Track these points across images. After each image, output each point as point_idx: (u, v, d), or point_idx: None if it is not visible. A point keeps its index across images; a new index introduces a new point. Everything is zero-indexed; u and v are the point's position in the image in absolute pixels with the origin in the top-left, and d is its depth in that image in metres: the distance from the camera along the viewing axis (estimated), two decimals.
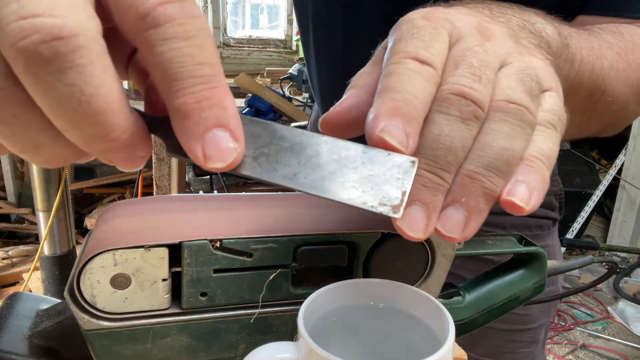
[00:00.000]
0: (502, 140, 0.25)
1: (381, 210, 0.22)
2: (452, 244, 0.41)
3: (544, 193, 0.26)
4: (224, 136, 0.20)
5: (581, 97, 0.40)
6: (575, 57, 0.37)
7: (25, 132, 0.19)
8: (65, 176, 0.67)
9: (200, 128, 0.19)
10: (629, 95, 0.45)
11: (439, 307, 0.31)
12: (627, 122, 0.52)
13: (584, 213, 2.81)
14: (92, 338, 0.35)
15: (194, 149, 0.20)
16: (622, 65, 0.43)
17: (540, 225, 0.77)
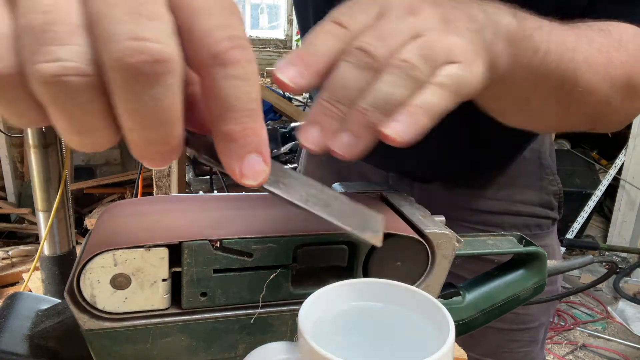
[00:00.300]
0: (388, 86, 0.32)
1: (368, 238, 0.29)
2: (452, 244, 0.41)
3: (416, 134, 0.32)
4: (258, 160, 0.24)
5: (551, 86, 0.44)
6: (540, 47, 0.41)
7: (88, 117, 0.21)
8: (65, 176, 0.67)
9: (241, 151, 0.24)
10: (609, 91, 0.47)
11: (439, 307, 0.31)
12: (618, 118, 0.53)
13: (584, 213, 2.81)
14: (92, 338, 0.35)
15: (233, 167, 0.24)
16: (601, 61, 0.45)
17: (539, 224, 0.77)
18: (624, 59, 0.47)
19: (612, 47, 0.46)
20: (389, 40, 0.33)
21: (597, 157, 3.35)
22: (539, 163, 0.75)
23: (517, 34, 0.39)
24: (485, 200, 0.74)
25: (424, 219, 0.43)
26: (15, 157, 3.04)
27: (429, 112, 0.32)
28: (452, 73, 0.33)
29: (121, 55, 0.20)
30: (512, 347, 0.77)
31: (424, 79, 0.32)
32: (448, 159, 0.71)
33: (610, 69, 0.46)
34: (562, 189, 0.78)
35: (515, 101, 0.47)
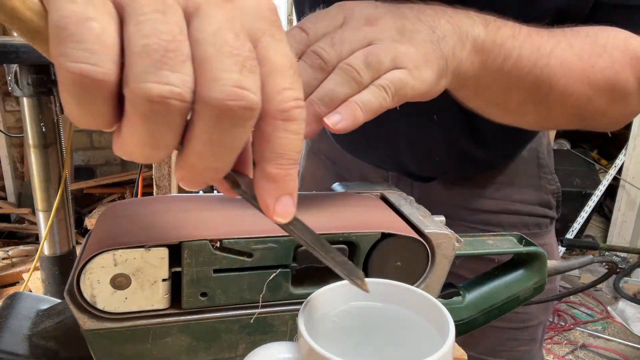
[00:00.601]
0: (332, 85, 0.38)
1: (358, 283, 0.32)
2: (452, 244, 0.41)
3: (351, 125, 0.37)
4: (290, 201, 0.27)
5: (526, 88, 0.48)
6: (512, 54, 0.45)
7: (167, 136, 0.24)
8: (65, 176, 0.67)
9: (279, 192, 0.27)
10: (589, 93, 0.50)
11: (439, 307, 0.31)
12: (609, 118, 0.55)
13: (584, 213, 2.81)
14: (92, 338, 0.35)
15: (268, 204, 0.27)
16: (580, 66, 0.48)
17: (538, 223, 0.77)
18: (606, 65, 0.49)
19: (595, 53, 0.49)
20: (340, 46, 0.38)
21: (597, 157, 3.35)
22: (537, 162, 0.76)
23: (485, 43, 0.44)
24: (485, 199, 0.75)
25: (424, 219, 0.43)
26: (15, 157, 3.05)
27: (365, 108, 0.38)
28: (393, 77, 0.38)
29: (224, 97, 0.23)
30: (511, 345, 0.78)
31: (365, 82, 0.38)
32: (447, 159, 0.71)
33: (590, 74, 0.49)
34: (560, 188, 0.78)
35: (493, 101, 0.50)
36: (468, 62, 0.44)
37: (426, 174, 0.75)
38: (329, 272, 0.40)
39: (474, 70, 0.45)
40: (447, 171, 0.74)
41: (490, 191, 0.75)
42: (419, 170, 0.75)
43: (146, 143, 0.24)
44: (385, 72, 0.39)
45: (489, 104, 0.51)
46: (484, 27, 0.44)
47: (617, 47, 0.50)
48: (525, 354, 0.79)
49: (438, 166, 0.72)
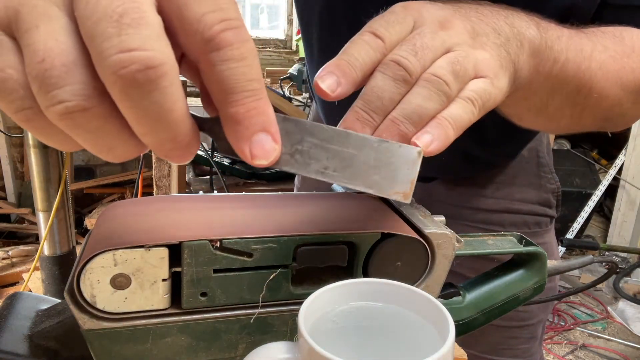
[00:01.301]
0: (420, 100, 0.34)
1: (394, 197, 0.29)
2: (452, 244, 0.41)
3: (444, 145, 0.34)
4: (267, 139, 0.24)
5: (568, 91, 0.46)
6: (559, 57, 0.43)
7: (104, 139, 0.23)
8: (65, 176, 0.67)
9: (249, 132, 0.24)
10: (621, 95, 0.49)
11: (439, 307, 0.31)
12: (625, 119, 0.55)
13: (584, 213, 2.81)
14: (92, 338, 0.35)
15: (243, 149, 0.24)
16: (614, 67, 0.47)
17: (538, 222, 0.77)
18: (635, 65, 0.49)
19: (625, 53, 0.48)
20: (423, 55, 0.35)
21: (597, 157, 3.35)
22: (538, 162, 0.76)
23: (540, 45, 0.41)
24: (485, 198, 0.75)
25: (424, 219, 0.43)
26: (15, 157, 3.04)
27: (456, 125, 0.35)
28: (479, 88, 0.36)
29: (114, 69, 0.21)
30: (511, 343, 0.78)
31: (454, 94, 0.35)
32: (449, 159, 0.71)
33: (623, 75, 0.48)
34: (560, 187, 0.79)
35: (533, 106, 0.48)
36: (526, 66, 0.42)
37: (427, 174, 0.75)
38: (329, 272, 0.40)
39: (529, 75, 0.42)
40: (449, 171, 0.74)
41: (490, 190, 0.75)
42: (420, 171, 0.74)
43: (98, 150, 0.24)
44: (469, 82, 0.36)
45: (530, 110, 0.49)
46: (537, 28, 0.42)
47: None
48: (525, 352, 0.79)
49: (439, 166, 0.73)
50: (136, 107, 0.22)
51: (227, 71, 0.23)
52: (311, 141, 0.27)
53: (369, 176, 0.27)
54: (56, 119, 0.22)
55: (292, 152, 0.26)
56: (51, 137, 0.24)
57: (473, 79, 0.36)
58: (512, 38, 0.40)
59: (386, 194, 0.27)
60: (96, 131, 0.23)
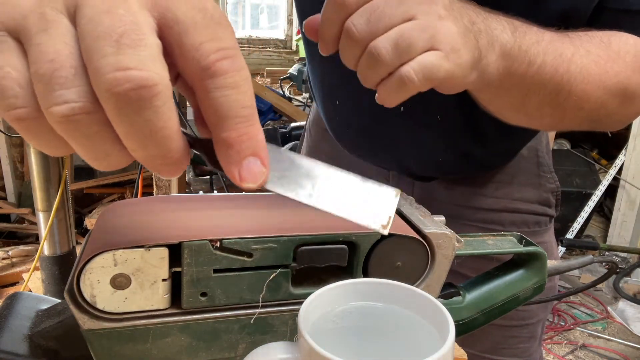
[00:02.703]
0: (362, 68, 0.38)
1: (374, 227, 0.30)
2: (452, 244, 0.41)
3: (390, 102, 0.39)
4: (256, 163, 0.25)
5: (546, 92, 0.49)
6: (535, 60, 0.46)
7: (100, 145, 0.24)
8: (65, 176, 0.67)
9: (239, 156, 0.25)
10: (605, 97, 0.51)
11: (439, 307, 0.31)
12: (613, 120, 0.57)
13: (584, 213, 2.81)
14: (92, 338, 0.35)
15: (232, 172, 0.25)
16: (596, 71, 0.49)
17: (537, 222, 0.78)
18: (620, 70, 0.50)
19: (610, 58, 0.50)
20: (375, 23, 0.37)
21: (597, 157, 3.35)
22: (537, 161, 0.76)
23: (512, 49, 0.44)
24: (485, 198, 0.75)
25: (424, 219, 0.43)
26: (15, 157, 3.04)
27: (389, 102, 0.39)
28: (425, 61, 0.37)
29: (109, 86, 0.21)
30: (511, 343, 0.78)
31: (393, 65, 0.37)
32: (448, 158, 0.71)
33: (605, 79, 0.50)
34: (559, 187, 0.79)
35: (512, 105, 0.51)
36: (494, 65, 0.44)
37: (427, 174, 0.76)
38: (329, 272, 0.40)
39: (498, 75, 0.45)
40: (448, 171, 0.75)
41: (490, 190, 0.75)
42: (420, 170, 0.75)
43: (89, 157, 0.25)
44: (419, 54, 0.37)
45: (508, 108, 0.52)
46: (512, 33, 0.45)
47: (629, 52, 0.51)
48: (525, 352, 0.79)
49: (439, 166, 0.73)
50: (128, 124, 0.23)
51: (222, 98, 0.24)
52: (298, 171, 0.28)
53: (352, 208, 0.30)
54: (57, 119, 0.22)
55: (280, 176, 0.28)
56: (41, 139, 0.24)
57: (424, 51, 0.37)
58: (484, 34, 0.42)
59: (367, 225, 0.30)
60: (95, 136, 0.23)
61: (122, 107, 0.22)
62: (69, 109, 0.22)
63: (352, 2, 0.38)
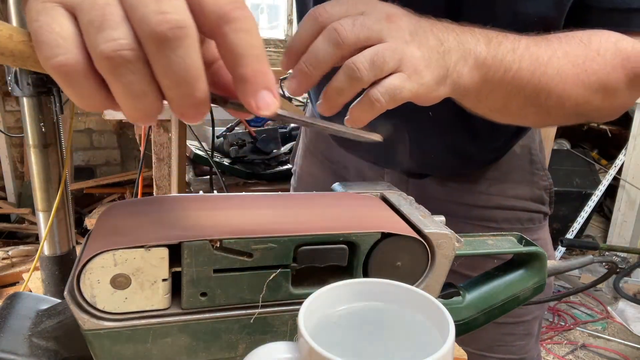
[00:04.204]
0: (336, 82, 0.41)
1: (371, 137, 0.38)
2: (452, 244, 0.41)
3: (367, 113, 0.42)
4: (269, 95, 0.30)
5: (526, 95, 0.52)
6: (511, 67, 0.49)
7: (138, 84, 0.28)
8: (65, 176, 0.67)
9: (255, 89, 0.30)
10: (586, 94, 0.53)
11: (439, 307, 0.31)
12: (602, 114, 0.59)
13: (584, 213, 2.81)
14: (92, 338, 0.35)
15: (250, 103, 0.30)
16: (574, 72, 0.52)
17: (531, 219, 0.78)
18: (598, 68, 0.53)
19: (588, 57, 0.53)
20: (360, 29, 0.40)
21: (597, 157, 3.35)
22: (530, 159, 0.78)
23: (486, 59, 0.48)
24: (479, 195, 0.76)
25: (424, 219, 0.43)
26: (15, 157, 3.04)
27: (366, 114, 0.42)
28: (390, 84, 0.41)
29: (152, 27, 0.26)
30: (507, 340, 0.78)
31: (367, 80, 0.40)
32: (441, 155, 0.72)
33: (584, 78, 0.53)
34: (552, 184, 0.80)
35: (496, 107, 0.54)
36: (469, 76, 0.47)
37: (420, 171, 0.77)
38: (329, 272, 0.40)
39: (474, 83, 0.48)
40: (441, 168, 0.76)
41: (484, 187, 0.76)
42: (413, 167, 0.76)
43: (128, 94, 0.28)
44: (388, 73, 0.41)
45: (492, 110, 0.55)
46: (486, 45, 0.48)
47: (609, 49, 0.53)
48: (521, 349, 0.80)
49: (432, 163, 0.74)
50: (165, 61, 0.27)
51: (237, 40, 0.29)
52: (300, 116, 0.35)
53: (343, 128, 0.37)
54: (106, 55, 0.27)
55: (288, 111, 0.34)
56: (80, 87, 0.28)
57: (393, 72, 0.41)
58: (456, 51, 0.46)
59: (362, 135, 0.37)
60: (134, 73, 0.28)
61: (161, 44, 0.27)
62: (117, 45, 0.27)
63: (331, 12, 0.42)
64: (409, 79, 0.42)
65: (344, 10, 0.42)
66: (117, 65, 0.27)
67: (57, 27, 0.27)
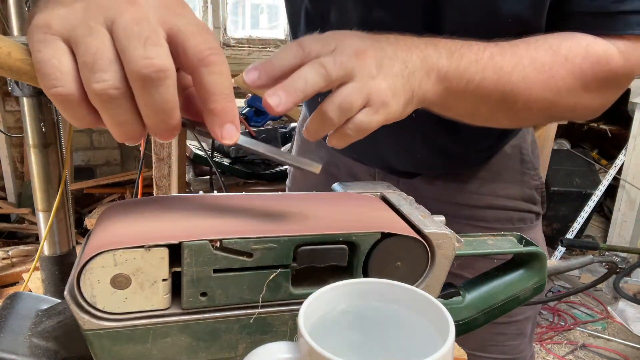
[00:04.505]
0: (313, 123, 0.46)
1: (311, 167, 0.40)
2: (452, 244, 0.41)
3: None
4: (233, 128, 0.36)
5: (493, 101, 0.54)
6: (474, 78, 0.52)
7: (123, 114, 0.33)
8: (65, 176, 0.67)
9: (221, 121, 0.36)
10: (555, 98, 0.56)
11: (439, 307, 0.31)
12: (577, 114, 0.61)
13: (584, 213, 2.81)
14: (92, 338, 0.35)
15: (217, 132, 0.36)
16: (540, 78, 0.54)
17: (522, 218, 0.79)
18: (567, 73, 0.55)
19: (556, 63, 0.55)
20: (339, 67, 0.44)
21: (597, 157, 3.35)
22: (521, 158, 0.78)
23: (448, 72, 0.50)
24: (470, 194, 0.77)
25: (424, 219, 0.43)
26: (15, 157, 3.04)
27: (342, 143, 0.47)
28: (358, 122, 0.45)
29: (139, 69, 0.31)
30: (499, 340, 0.79)
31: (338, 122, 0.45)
32: (427, 155, 0.74)
33: (552, 83, 0.55)
34: (543, 184, 0.81)
35: (466, 114, 0.57)
36: (432, 90, 0.51)
37: (409, 170, 0.78)
38: (329, 272, 0.40)
39: (437, 96, 0.51)
40: (430, 168, 0.77)
41: (475, 187, 0.77)
42: (402, 167, 0.78)
43: (114, 123, 0.34)
44: (357, 111, 0.45)
45: (463, 116, 0.58)
46: (448, 58, 0.51)
47: (579, 54, 0.55)
48: (514, 349, 0.81)
49: (420, 163, 0.76)
50: (148, 96, 0.32)
51: (211, 80, 0.34)
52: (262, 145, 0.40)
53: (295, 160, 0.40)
54: (97, 92, 0.32)
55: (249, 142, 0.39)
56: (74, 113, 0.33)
57: (362, 107, 0.45)
58: (419, 70, 0.49)
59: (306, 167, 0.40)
60: (120, 107, 0.33)
61: (145, 84, 0.32)
62: (106, 85, 0.32)
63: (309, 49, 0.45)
64: (377, 113, 0.46)
65: (320, 47, 0.46)
66: (105, 101, 0.32)
67: (56, 61, 0.32)
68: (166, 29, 0.33)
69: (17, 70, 0.34)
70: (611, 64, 0.56)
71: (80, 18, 0.32)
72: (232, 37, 3.44)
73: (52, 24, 0.32)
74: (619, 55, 0.56)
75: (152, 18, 0.33)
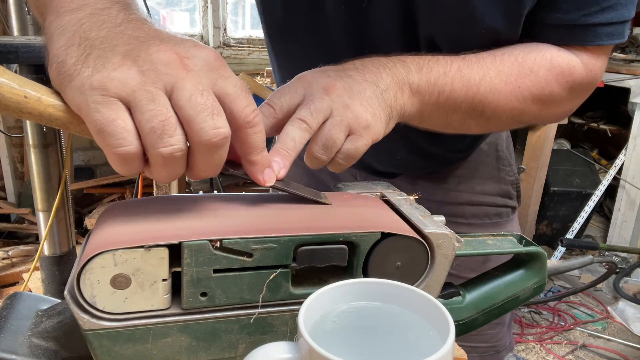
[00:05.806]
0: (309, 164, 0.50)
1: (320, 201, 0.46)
2: (452, 244, 0.41)
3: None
4: (270, 171, 0.43)
5: (463, 111, 0.58)
6: (444, 89, 0.55)
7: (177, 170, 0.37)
8: (65, 176, 0.67)
9: (262, 169, 0.42)
10: (522, 107, 0.60)
11: (439, 307, 0.31)
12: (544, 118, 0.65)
13: (584, 213, 2.80)
14: (92, 338, 0.35)
15: (259, 178, 0.42)
16: (506, 89, 0.58)
17: (499, 213, 0.82)
18: (532, 84, 0.59)
19: (521, 74, 0.58)
20: (317, 115, 0.47)
21: (597, 157, 3.34)
22: (497, 155, 0.82)
23: (420, 86, 0.54)
24: (448, 192, 0.80)
25: (424, 219, 0.43)
26: (15, 157, 3.04)
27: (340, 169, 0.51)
28: (346, 151, 0.49)
29: (210, 137, 0.35)
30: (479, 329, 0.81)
31: (328, 159, 0.49)
32: (405, 155, 0.77)
33: (517, 93, 0.59)
34: (518, 179, 0.85)
35: (437, 124, 0.61)
36: (409, 103, 0.54)
37: (391, 170, 0.81)
38: (329, 272, 0.40)
39: (414, 109, 0.55)
40: (409, 167, 0.80)
41: (453, 184, 0.81)
42: (382, 168, 0.80)
43: (166, 177, 0.37)
44: (342, 143, 0.48)
45: (437, 126, 0.61)
46: (418, 72, 0.54)
47: (543, 66, 0.59)
48: (493, 337, 0.84)
49: (400, 163, 0.78)
50: (209, 158, 0.37)
51: (254, 138, 0.40)
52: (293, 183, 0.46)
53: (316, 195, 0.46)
54: (164, 156, 0.35)
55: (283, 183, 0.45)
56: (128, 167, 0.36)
57: (347, 136, 0.49)
58: (392, 87, 0.52)
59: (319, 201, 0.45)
60: (177, 165, 0.36)
61: (211, 149, 0.36)
62: (173, 150, 0.35)
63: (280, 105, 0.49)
64: (361, 137, 0.49)
65: (289, 99, 0.49)
66: (169, 161, 0.36)
67: (121, 122, 0.34)
68: (215, 92, 0.37)
69: (48, 116, 0.35)
70: (574, 75, 0.60)
71: (138, 83, 0.34)
72: (232, 37, 3.44)
73: (108, 87, 0.34)
74: (582, 66, 0.60)
75: (206, 84, 0.36)
